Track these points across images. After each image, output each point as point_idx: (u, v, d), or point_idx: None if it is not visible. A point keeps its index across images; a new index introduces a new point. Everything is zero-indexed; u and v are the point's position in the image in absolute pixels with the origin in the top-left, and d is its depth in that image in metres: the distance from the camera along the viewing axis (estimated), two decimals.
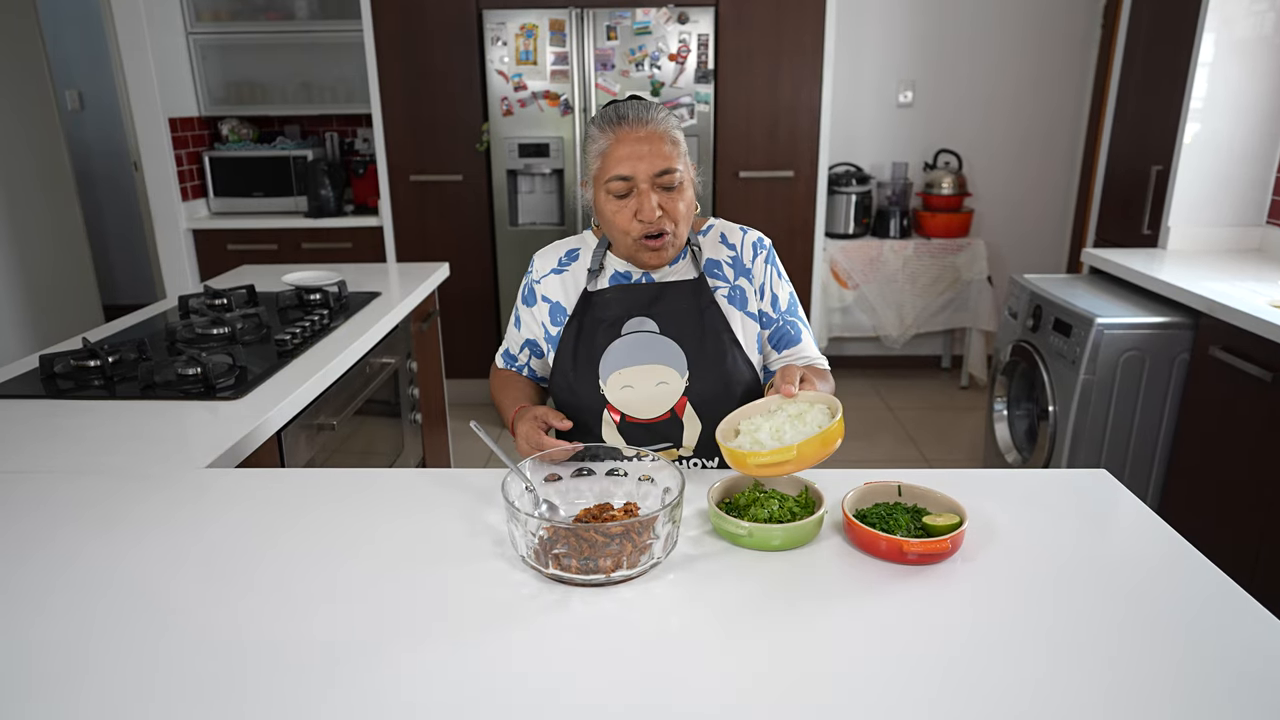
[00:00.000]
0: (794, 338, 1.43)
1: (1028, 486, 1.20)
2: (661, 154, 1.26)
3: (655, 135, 1.26)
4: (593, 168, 1.30)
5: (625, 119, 1.27)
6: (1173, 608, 0.90)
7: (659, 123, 1.27)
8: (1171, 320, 2.33)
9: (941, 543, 0.97)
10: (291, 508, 1.15)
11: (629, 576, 0.95)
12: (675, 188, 1.28)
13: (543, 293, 1.44)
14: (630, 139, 1.26)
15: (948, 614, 0.90)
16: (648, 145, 1.25)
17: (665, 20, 3.42)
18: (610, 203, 1.29)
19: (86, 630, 0.87)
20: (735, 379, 1.36)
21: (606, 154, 1.27)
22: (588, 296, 1.38)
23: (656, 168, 1.26)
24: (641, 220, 1.27)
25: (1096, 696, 0.76)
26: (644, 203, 1.26)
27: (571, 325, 1.39)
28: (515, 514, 0.96)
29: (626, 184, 1.26)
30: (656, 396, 1.34)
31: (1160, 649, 0.83)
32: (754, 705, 0.76)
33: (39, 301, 3.89)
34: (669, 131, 1.28)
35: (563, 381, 1.39)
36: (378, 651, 0.84)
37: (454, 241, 3.73)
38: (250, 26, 3.76)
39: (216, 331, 1.91)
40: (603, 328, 1.36)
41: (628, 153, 1.25)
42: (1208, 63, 2.72)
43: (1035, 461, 2.64)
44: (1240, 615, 0.88)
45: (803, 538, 1.03)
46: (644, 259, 1.33)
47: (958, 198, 3.97)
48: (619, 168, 1.26)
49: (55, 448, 1.36)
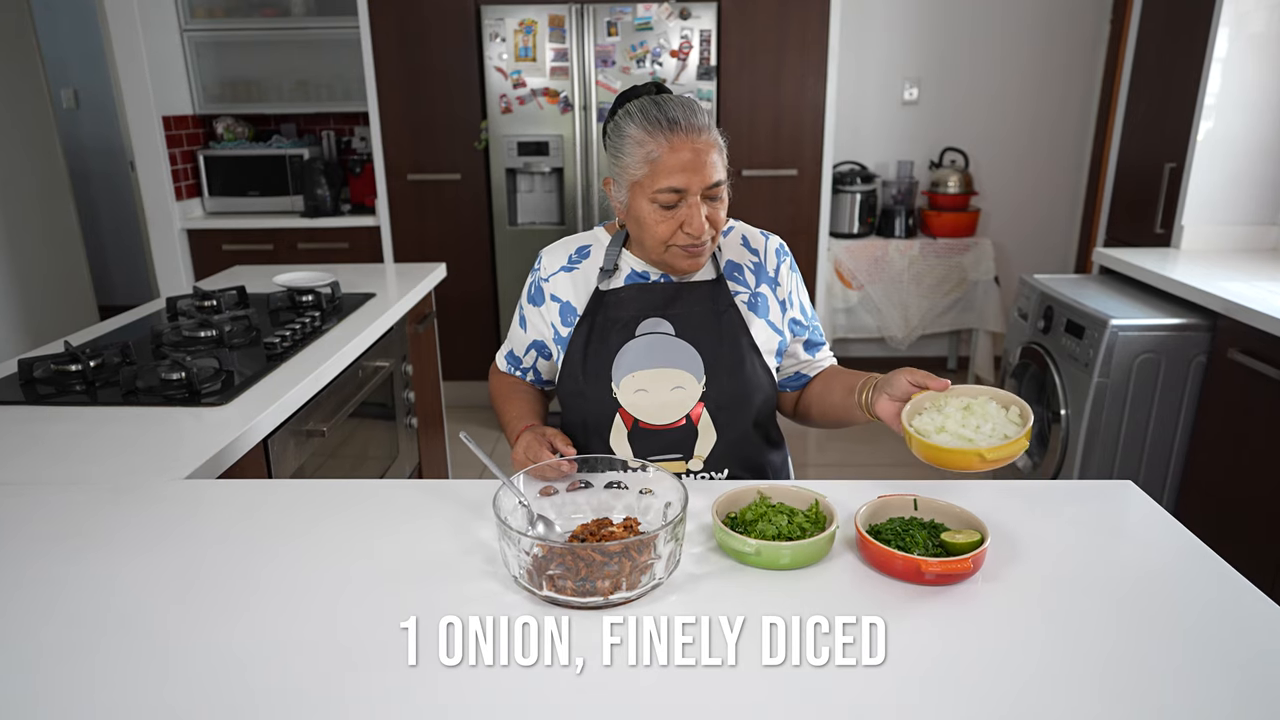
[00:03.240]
0: (819, 342, 1.43)
1: (1049, 498, 1.14)
2: (714, 165, 1.19)
3: (709, 145, 1.18)
4: (636, 172, 1.20)
5: (678, 125, 1.17)
6: (1208, 625, 0.84)
7: (709, 130, 1.19)
8: (1187, 322, 2.26)
9: (962, 562, 0.91)
10: (272, 522, 1.09)
11: (628, 599, 0.89)
12: (719, 197, 1.22)
13: (551, 291, 1.36)
14: (685, 148, 1.17)
15: (969, 639, 0.84)
16: (701, 156, 1.17)
17: (667, 16, 3.36)
18: (655, 212, 1.20)
19: (49, 653, 0.82)
20: (754, 386, 1.29)
21: (657, 162, 1.18)
22: (600, 296, 1.31)
23: (709, 180, 1.18)
24: (688, 233, 1.20)
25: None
26: (694, 216, 1.19)
27: (583, 326, 1.31)
28: (507, 532, 0.90)
29: (677, 195, 1.19)
30: (671, 402, 1.27)
31: (1196, 669, 0.77)
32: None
33: (33, 303, 3.84)
34: (718, 140, 1.21)
35: (572, 385, 1.32)
36: (357, 681, 0.78)
37: (452, 241, 3.67)
38: (245, 23, 3.70)
39: (204, 334, 1.85)
40: (616, 328, 1.29)
41: (681, 163, 1.17)
42: (1222, 58, 2.65)
43: (1046, 466, 2.57)
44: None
45: (813, 556, 0.97)
46: (680, 266, 1.26)
47: (964, 196, 3.91)
48: (672, 179, 1.17)
49: (30, 458, 1.30)
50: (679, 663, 0.81)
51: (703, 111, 1.21)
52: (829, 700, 0.75)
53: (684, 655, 0.82)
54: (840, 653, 0.82)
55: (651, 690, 0.77)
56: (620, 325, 1.29)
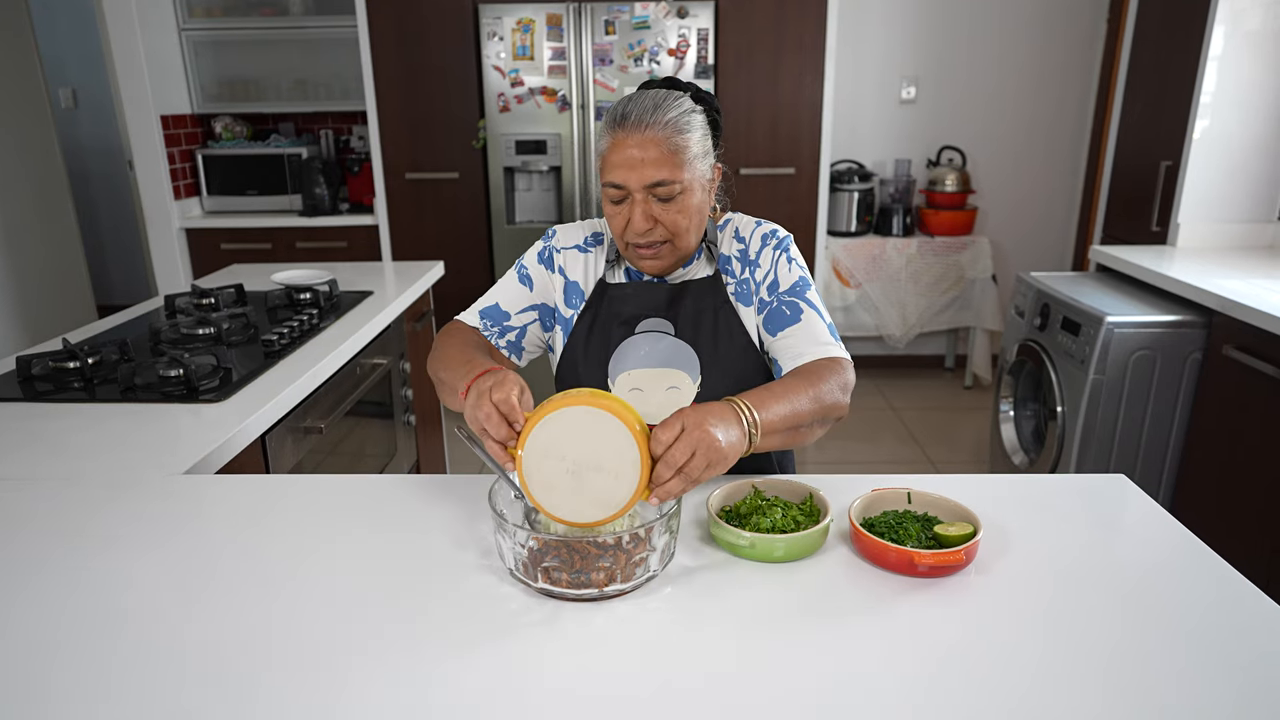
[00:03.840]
0: (790, 318, 1.23)
1: (1042, 492, 1.14)
2: (657, 163, 1.14)
3: (653, 142, 1.14)
4: (597, 165, 1.22)
5: (626, 120, 1.16)
6: (1202, 620, 0.84)
7: (660, 127, 1.14)
8: (1183, 319, 2.27)
9: (955, 554, 0.92)
10: (269, 516, 1.10)
11: (623, 591, 0.90)
12: (673, 198, 1.17)
13: (562, 264, 1.33)
14: (626, 145, 1.15)
15: (962, 630, 0.84)
16: (642, 153, 1.14)
17: (664, 15, 3.37)
18: (608, 206, 1.21)
19: (48, 648, 0.82)
20: (748, 386, 1.28)
21: (604, 157, 1.19)
22: (604, 287, 1.30)
23: (648, 179, 1.15)
24: (634, 230, 1.19)
25: (1124, 718, 0.71)
26: (633, 215, 1.18)
27: (586, 315, 1.30)
28: (502, 524, 0.90)
29: (620, 191, 1.18)
30: (666, 402, 1.27)
31: (1191, 664, 0.78)
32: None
33: (31, 302, 3.84)
34: (670, 138, 1.14)
35: (570, 376, 1.31)
36: (352, 671, 0.78)
37: (450, 240, 3.68)
38: (243, 22, 3.71)
39: (202, 332, 1.85)
40: (617, 324, 1.29)
41: (623, 160, 1.15)
42: (1218, 56, 2.66)
43: (1043, 463, 2.58)
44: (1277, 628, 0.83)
45: (807, 548, 0.98)
46: (639, 265, 1.26)
47: (961, 195, 3.92)
48: (612, 174, 1.17)
49: (28, 454, 1.31)
50: (673, 655, 0.81)
51: (667, 108, 1.16)
52: (823, 690, 0.76)
53: (678, 648, 0.82)
54: (834, 644, 0.82)
55: (647, 682, 0.77)
56: (621, 321, 1.29)
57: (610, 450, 0.90)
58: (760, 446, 1.02)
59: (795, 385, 1.10)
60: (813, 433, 1.12)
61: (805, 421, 1.08)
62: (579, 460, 0.90)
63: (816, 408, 1.09)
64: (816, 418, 1.10)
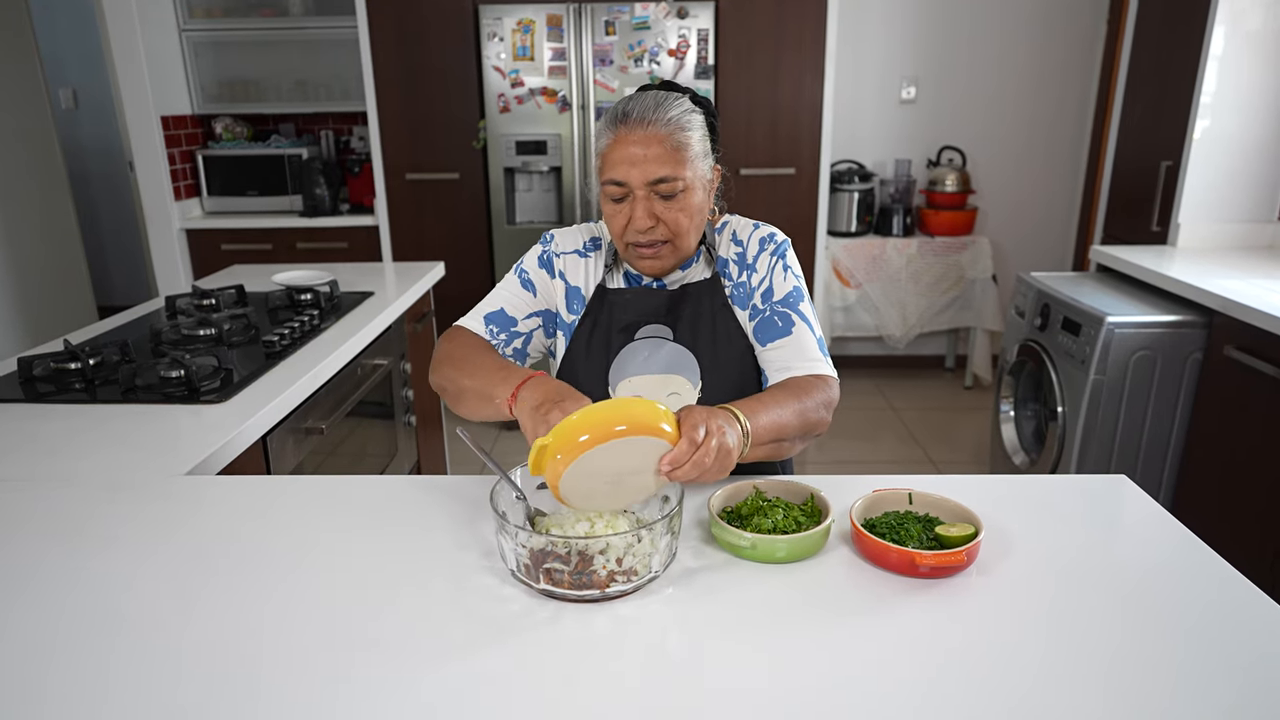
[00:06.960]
0: (780, 329, 1.24)
1: (1044, 492, 1.14)
2: (660, 160, 1.14)
3: (655, 138, 1.14)
4: (597, 164, 1.21)
5: (628, 117, 1.16)
6: (1202, 621, 0.84)
7: (663, 124, 1.14)
8: (1184, 319, 2.27)
9: (956, 555, 0.92)
10: (271, 517, 1.10)
11: (624, 591, 0.90)
12: (675, 196, 1.17)
13: (562, 268, 1.32)
14: (628, 141, 1.15)
15: (963, 630, 0.84)
16: (644, 149, 1.14)
17: (664, 15, 3.37)
18: (608, 205, 1.21)
19: (47, 648, 0.82)
20: (747, 389, 1.27)
21: (605, 155, 1.18)
22: (604, 293, 1.30)
23: (651, 175, 1.15)
24: (635, 229, 1.19)
25: (1124, 718, 0.71)
26: (635, 212, 1.17)
27: (586, 321, 1.30)
28: (504, 525, 0.90)
29: (621, 189, 1.17)
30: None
31: (1192, 665, 0.78)
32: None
33: (32, 303, 3.84)
34: (673, 135, 1.15)
35: (570, 382, 1.29)
36: (353, 672, 0.78)
37: (451, 241, 3.68)
38: (244, 23, 3.71)
39: (203, 333, 1.85)
40: (617, 330, 1.28)
41: (623, 156, 1.15)
42: (1218, 56, 2.66)
43: (1043, 463, 2.58)
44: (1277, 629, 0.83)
45: (809, 549, 0.98)
46: (639, 266, 1.25)
47: (961, 195, 3.92)
48: (614, 171, 1.17)
49: (29, 454, 1.31)
50: (674, 656, 0.81)
51: (668, 106, 1.17)
52: (824, 691, 0.76)
53: (680, 649, 0.82)
54: (835, 645, 0.82)
55: (648, 682, 0.77)
56: (621, 328, 1.28)
57: (649, 460, 0.93)
58: (745, 458, 1.03)
59: (783, 399, 1.11)
60: (793, 447, 1.14)
61: (789, 436, 1.10)
62: (619, 471, 0.93)
63: (800, 423, 1.11)
64: (799, 433, 1.12)
